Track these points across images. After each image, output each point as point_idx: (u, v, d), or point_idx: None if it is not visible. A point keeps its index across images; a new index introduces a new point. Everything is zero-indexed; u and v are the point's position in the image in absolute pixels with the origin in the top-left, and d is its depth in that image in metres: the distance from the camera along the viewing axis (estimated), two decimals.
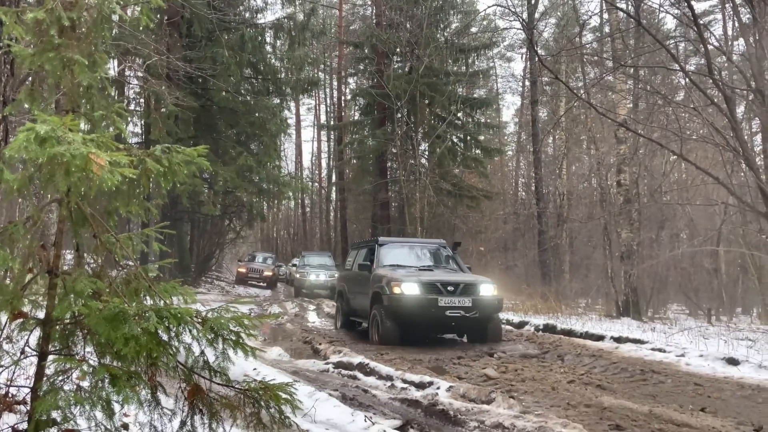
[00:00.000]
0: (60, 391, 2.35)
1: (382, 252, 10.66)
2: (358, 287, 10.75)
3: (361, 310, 10.64)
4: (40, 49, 2.54)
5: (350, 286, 11.46)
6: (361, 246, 12.28)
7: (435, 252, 11.16)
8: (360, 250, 11.87)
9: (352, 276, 11.55)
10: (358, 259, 11.50)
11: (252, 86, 22.65)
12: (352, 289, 11.24)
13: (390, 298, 9.10)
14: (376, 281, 9.77)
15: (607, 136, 17.96)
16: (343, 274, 12.82)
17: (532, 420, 4.21)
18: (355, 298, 10.97)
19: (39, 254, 2.57)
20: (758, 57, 8.94)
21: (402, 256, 10.71)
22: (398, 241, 12.17)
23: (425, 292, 9.03)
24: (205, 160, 2.67)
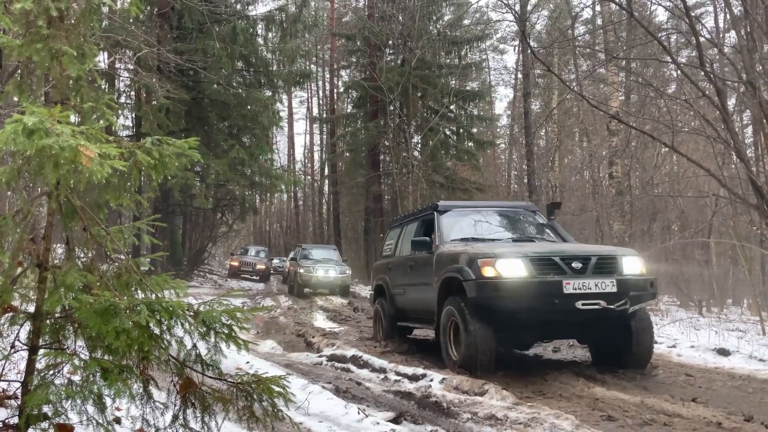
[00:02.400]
0: (51, 386, 2.34)
1: (444, 222, 7.42)
2: (411, 277, 7.77)
3: (418, 310, 7.68)
4: (28, 40, 2.51)
5: (396, 277, 8.44)
6: (407, 220, 8.93)
7: (522, 219, 7.89)
8: (406, 226, 8.72)
9: (397, 263, 8.49)
10: (406, 237, 8.44)
11: (244, 79, 22.53)
12: (400, 282, 8.25)
13: (479, 286, 5.84)
14: (446, 263, 6.60)
15: (599, 129, 18.02)
16: (381, 263, 9.44)
17: (524, 411, 4.23)
18: (407, 295, 7.98)
19: (29, 248, 2.54)
20: (750, 49, 8.96)
21: (475, 226, 7.50)
22: (466, 205, 8.43)
23: (539, 272, 5.79)
24: (196, 153, 2.65)
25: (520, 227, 7.70)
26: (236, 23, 19.12)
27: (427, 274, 7.05)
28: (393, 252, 8.95)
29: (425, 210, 8.27)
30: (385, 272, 8.94)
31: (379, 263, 9.63)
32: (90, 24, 2.70)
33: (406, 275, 8.00)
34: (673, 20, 12.97)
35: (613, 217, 15.57)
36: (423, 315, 7.48)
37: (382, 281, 8.95)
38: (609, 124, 15.68)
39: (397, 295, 8.34)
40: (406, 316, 8.19)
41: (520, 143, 28.26)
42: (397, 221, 9.72)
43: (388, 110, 23.68)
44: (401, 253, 8.50)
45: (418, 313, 7.67)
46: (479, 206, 8.40)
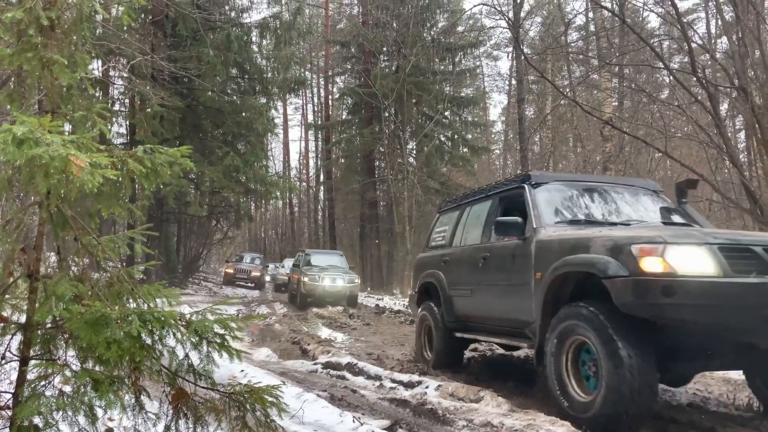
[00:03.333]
0: (42, 397, 2.32)
1: (541, 198, 5.48)
2: (485, 274, 5.92)
3: (495, 319, 5.88)
4: (19, 49, 2.50)
5: (456, 274, 6.61)
6: (470, 199, 6.98)
7: (643, 199, 5.85)
8: (470, 207, 6.88)
9: (459, 256, 6.64)
10: (470, 222, 6.70)
11: (238, 86, 22.54)
12: (464, 280, 6.39)
13: (638, 287, 3.93)
14: (557, 252, 4.71)
15: (593, 134, 18.09)
16: (428, 256, 7.63)
17: (520, 418, 4.22)
18: (476, 297, 6.15)
19: (20, 257, 2.52)
20: (741, 55, 9.02)
21: (583, 206, 5.62)
22: (568, 178, 6.31)
23: (734, 268, 3.87)
24: (189, 161, 2.64)
25: (642, 209, 5.63)
26: (230, 31, 19.14)
27: (516, 268, 5.24)
28: (448, 241, 7.07)
29: (506, 183, 6.23)
30: (436, 268, 7.04)
31: (426, 256, 7.70)
32: (82, 33, 2.70)
33: (476, 271, 6.03)
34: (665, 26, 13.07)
35: None
36: (504, 326, 5.61)
37: (432, 280, 7.05)
38: (602, 130, 15.75)
39: (458, 297, 6.47)
40: (472, 327, 6.31)
41: (515, 149, 28.35)
42: (452, 202, 7.79)
43: (383, 116, 23.74)
44: (464, 242, 6.64)
45: (496, 322, 5.79)
46: (585, 180, 6.16)
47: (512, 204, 6.03)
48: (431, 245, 7.80)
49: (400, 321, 13.56)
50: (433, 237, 7.89)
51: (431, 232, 8.04)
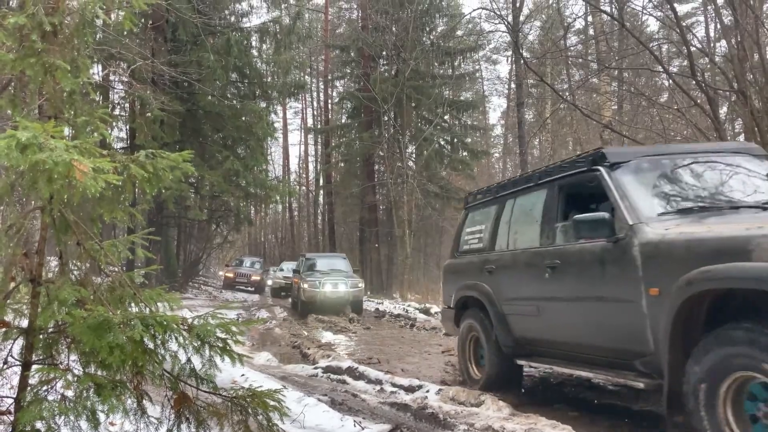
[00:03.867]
0: (44, 401, 2.32)
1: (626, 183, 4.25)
2: (558, 286, 4.69)
3: (587, 353, 4.53)
4: (21, 55, 2.51)
5: (513, 286, 5.43)
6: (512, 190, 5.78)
7: (749, 169, 4.46)
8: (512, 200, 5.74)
9: (515, 263, 5.42)
10: (517, 219, 5.59)
11: (238, 90, 22.57)
12: (525, 294, 5.20)
13: None
14: (684, 258, 3.48)
15: (592, 138, 18.10)
16: (464, 263, 6.44)
17: (521, 422, 4.22)
18: (547, 316, 4.90)
19: (22, 262, 2.53)
20: (740, 58, 9.04)
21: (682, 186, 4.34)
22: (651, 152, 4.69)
23: None
24: (190, 165, 2.65)
25: (755, 182, 4.25)
26: (230, 35, 19.18)
27: (610, 280, 4.06)
28: (488, 244, 5.94)
29: (568, 167, 4.88)
30: (477, 278, 5.92)
31: (458, 264, 6.56)
32: (84, 38, 2.71)
33: (541, 283, 4.84)
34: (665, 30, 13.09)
35: None
36: (599, 355, 4.35)
37: (474, 293, 5.92)
38: (602, 133, 15.74)
39: (517, 316, 5.27)
40: (543, 353, 5.12)
41: (514, 152, 28.39)
42: (484, 194, 6.46)
43: (382, 120, 23.77)
44: (512, 245, 5.50)
45: (584, 350, 4.51)
46: (675, 152, 4.67)
47: (579, 193, 4.90)
48: (463, 249, 6.60)
49: (401, 325, 13.56)
50: (464, 239, 6.63)
51: (460, 232, 6.80)
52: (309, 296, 15.67)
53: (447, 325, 7.03)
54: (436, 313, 14.96)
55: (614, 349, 4.15)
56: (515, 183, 5.89)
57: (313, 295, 15.63)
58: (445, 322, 7.09)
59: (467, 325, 6.18)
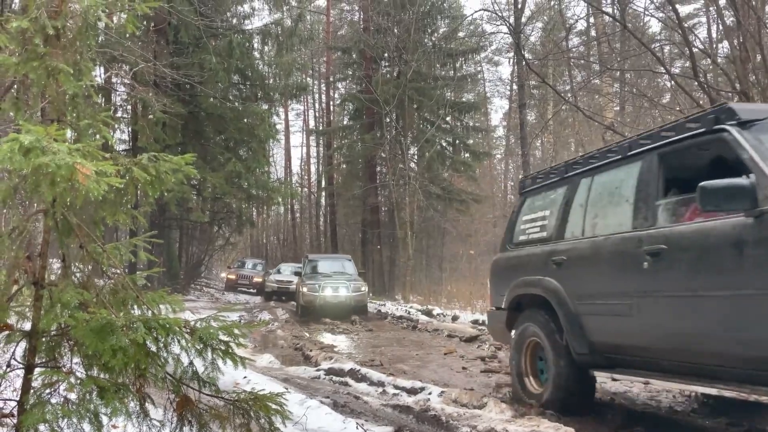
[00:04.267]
0: (47, 404, 2.32)
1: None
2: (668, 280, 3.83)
3: (713, 363, 3.65)
4: (24, 58, 2.52)
5: (591, 281, 4.59)
6: (598, 165, 4.85)
7: None
8: (590, 178, 4.92)
9: (591, 255, 4.61)
10: (598, 200, 4.75)
11: (240, 92, 22.61)
12: (609, 293, 4.37)
13: None
14: None
15: (594, 139, 18.09)
16: (517, 258, 5.66)
17: (524, 424, 4.21)
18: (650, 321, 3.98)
19: (25, 265, 2.53)
20: (743, 59, 9.04)
21: None
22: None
23: None
24: (192, 168, 2.66)
25: None
26: (232, 37, 19.21)
27: (753, 267, 3.26)
28: (555, 232, 5.10)
29: (670, 132, 4.11)
30: (540, 272, 5.07)
31: (513, 257, 5.70)
32: (86, 41, 2.72)
33: (636, 274, 4.02)
34: (667, 31, 13.09)
35: None
36: (726, 364, 3.54)
37: (537, 290, 5.06)
38: (604, 135, 15.74)
39: (598, 317, 4.40)
40: (634, 362, 4.25)
41: (516, 154, 28.39)
42: (547, 175, 5.60)
43: (384, 122, 23.78)
44: (591, 230, 4.65)
45: (709, 359, 3.65)
46: None
47: (687, 164, 4.24)
48: (519, 240, 5.73)
49: (403, 327, 13.56)
50: (520, 228, 5.79)
51: (515, 221, 5.92)
52: (308, 301, 14.98)
53: (495, 331, 6.04)
54: (438, 314, 14.96)
55: (759, 359, 3.26)
56: (591, 159, 4.94)
57: (312, 299, 14.90)
58: (494, 327, 6.04)
59: (524, 329, 5.22)
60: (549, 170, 5.72)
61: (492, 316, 6.08)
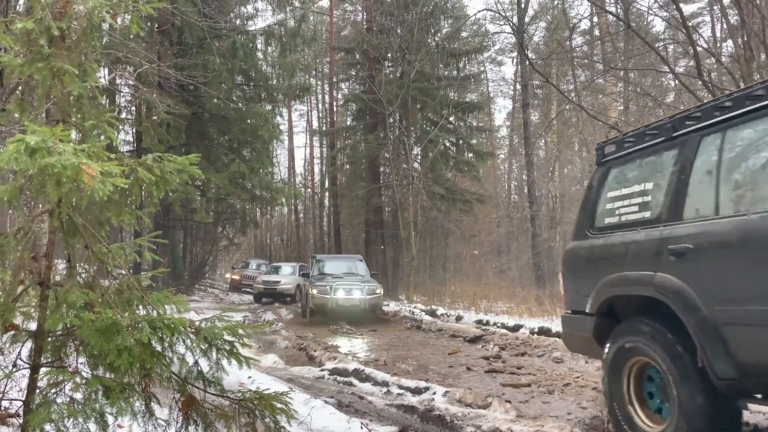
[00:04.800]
0: (53, 404, 2.33)
1: None
2: None
3: None
4: (29, 59, 2.53)
5: (741, 281, 3.23)
6: (737, 114, 3.48)
7: None
8: (721, 134, 3.62)
9: (740, 240, 3.27)
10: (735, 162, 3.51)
11: (244, 93, 22.64)
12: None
13: None
14: None
15: (598, 139, 18.06)
16: (606, 248, 4.37)
17: (528, 424, 4.21)
18: None
19: (30, 266, 2.54)
20: (747, 58, 9.01)
21: None
22: None
23: None
24: (197, 169, 2.67)
25: None
26: (236, 38, 19.24)
27: None
28: (666, 212, 3.89)
29: None
30: (647, 266, 3.85)
31: (603, 245, 4.39)
32: (91, 42, 2.72)
33: None
34: (671, 30, 13.06)
35: None
36: None
37: (653, 290, 3.77)
38: (608, 134, 15.72)
39: (752, 326, 3.21)
40: None
41: (520, 154, 28.35)
42: (650, 136, 4.23)
43: (387, 122, 23.75)
44: (730, 206, 3.46)
45: None
46: None
47: None
48: (605, 224, 4.46)
49: (407, 327, 13.55)
50: (605, 208, 4.52)
51: (596, 199, 4.64)
52: (318, 303, 13.92)
53: (575, 341, 4.74)
54: (442, 315, 14.95)
55: None
56: (718, 109, 3.67)
57: (323, 302, 13.85)
58: (572, 337, 4.74)
59: (625, 345, 3.95)
60: (644, 130, 4.35)
61: (570, 322, 4.73)
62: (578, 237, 4.80)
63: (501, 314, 14.90)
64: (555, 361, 8.29)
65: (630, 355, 3.93)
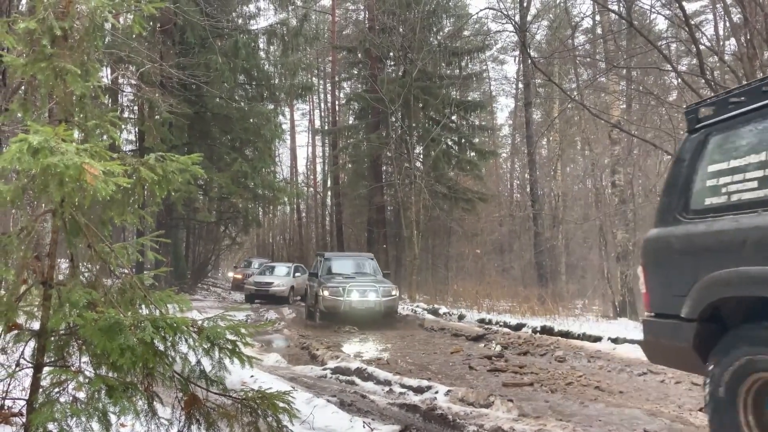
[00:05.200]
0: (56, 403, 2.34)
1: None
2: None
3: None
4: (32, 59, 2.53)
5: None
6: None
7: None
8: None
9: None
10: None
11: (246, 92, 22.65)
12: None
13: None
14: None
15: (601, 137, 18.04)
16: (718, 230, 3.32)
17: (530, 423, 4.21)
18: None
19: (33, 265, 2.55)
20: (750, 56, 8.98)
21: None
22: None
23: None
24: (199, 168, 2.67)
25: None
26: (238, 38, 19.25)
27: None
28: None
29: None
30: None
31: (709, 232, 3.44)
32: (93, 42, 2.73)
33: None
34: (673, 29, 13.03)
35: (617, 225, 15.54)
36: None
37: None
38: (611, 133, 15.69)
39: None
40: None
41: (522, 153, 28.32)
42: None
43: (389, 121, 23.76)
44: None
45: None
46: None
47: None
48: (708, 205, 3.56)
49: (409, 325, 13.56)
50: (705, 186, 3.62)
51: (691, 175, 3.72)
52: (330, 306, 12.97)
53: (662, 351, 3.80)
54: (444, 314, 14.95)
55: None
56: None
57: (336, 304, 12.91)
58: (659, 346, 3.79)
59: (740, 358, 3.08)
60: (758, 84, 3.44)
61: (655, 328, 3.78)
62: (665, 222, 3.81)
63: (503, 313, 14.91)
64: (557, 360, 8.28)
65: (745, 371, 3.03)
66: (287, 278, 21.38)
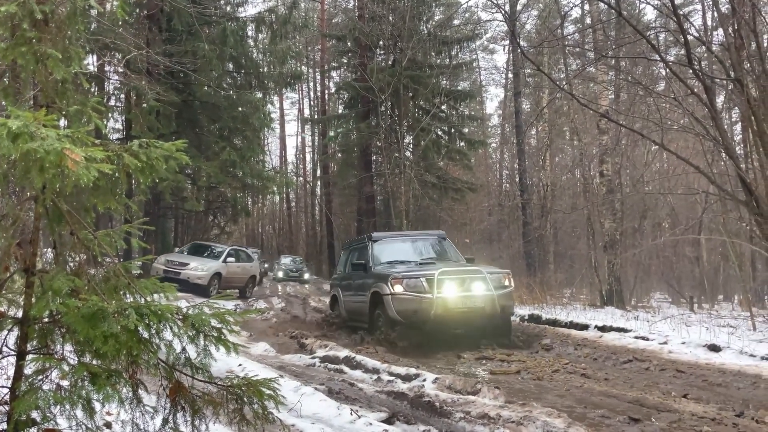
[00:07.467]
0: (39, 391, 2.32)
1: None
2: None
3: None
4: (12, 44, 2.49)
5: None
6: None
7: None
8: None
9: None
10: None
11: (234, 80, 22.46)
12: None
13: None
14: None
15: (589, 127, 18.11)
16: None
17: (517, 409, 4.24)
18: None
19: (15, 252, 2.52)
20: (737, 47, 9.02)
21: None
22: None
23: None
24: (184, 155, 2.64)
25: None
26: (226, 25, 19.06)
27: None
28: None
29: None
30: None
31: None
32: (76, 27, 2.69)
33: None
34: (662, 19, 13.04)
35: (604, 215, 15.64)
36: None
37: None
38: (599, 123, 15.75)
39: None
40: None
41: (511, 142, 28.37)
42: None
43: (379, 111, 23.70)
44: None
45: None
46: None
47: None
48: None
49: None
50: None
51: None
52: (408, 310, 8.16)
53: None
54: None
55: None
56: None
57: (417, 307, 8.09)
58: None
59: None
60: None
61: None
62: None
63: None
64: (544, 348, 8.34)
65: None
66: (213, 262, 17.00)
